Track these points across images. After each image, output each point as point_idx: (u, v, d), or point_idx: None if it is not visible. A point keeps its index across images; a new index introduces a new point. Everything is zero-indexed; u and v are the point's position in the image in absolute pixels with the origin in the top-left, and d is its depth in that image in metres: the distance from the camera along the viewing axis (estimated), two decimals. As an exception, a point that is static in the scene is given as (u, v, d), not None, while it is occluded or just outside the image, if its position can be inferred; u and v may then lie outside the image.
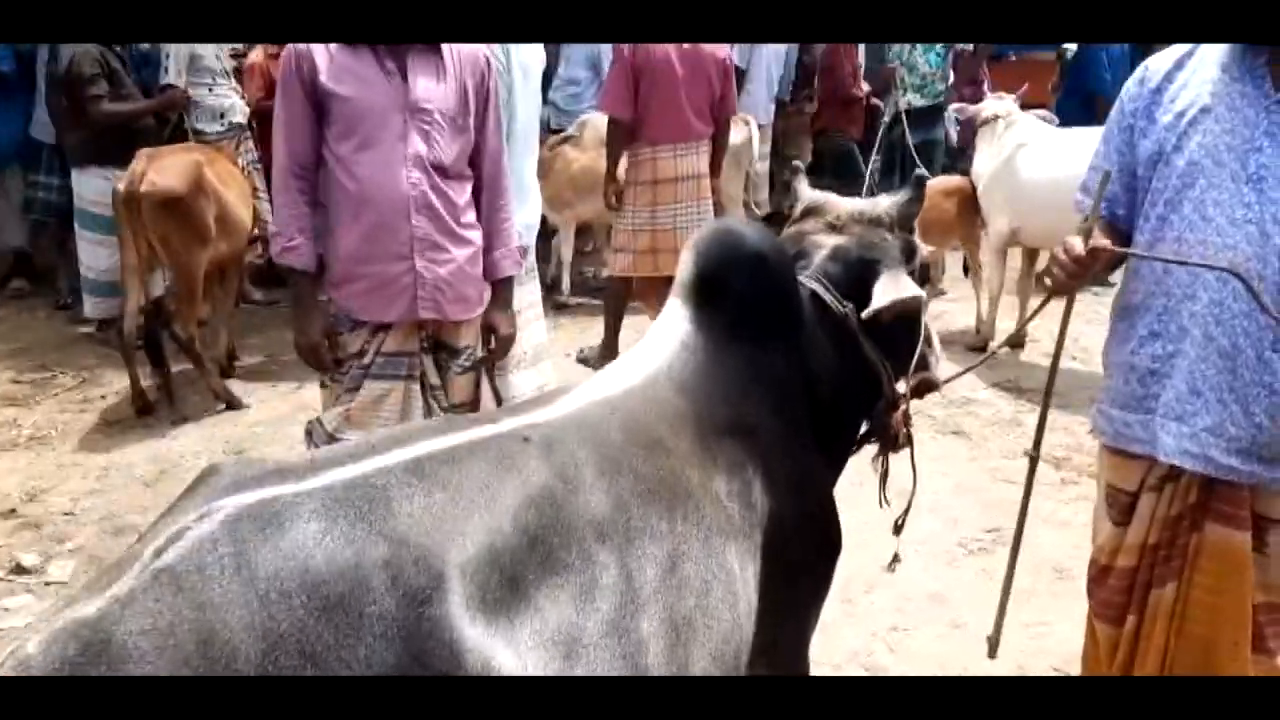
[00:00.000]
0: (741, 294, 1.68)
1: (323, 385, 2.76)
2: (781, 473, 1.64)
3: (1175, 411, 1.89)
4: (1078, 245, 1.85)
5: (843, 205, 1.89)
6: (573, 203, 6.30)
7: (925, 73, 6.58)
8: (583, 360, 5.33)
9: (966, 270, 5.93)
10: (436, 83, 2.55)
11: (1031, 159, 5.22)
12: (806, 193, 1.98)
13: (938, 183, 5.70)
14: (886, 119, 7.05)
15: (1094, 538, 2.10)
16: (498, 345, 2.78)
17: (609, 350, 5.25)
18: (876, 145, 7.14)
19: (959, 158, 7.09)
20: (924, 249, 1.84)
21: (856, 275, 1.80)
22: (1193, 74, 1.90)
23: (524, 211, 3.27)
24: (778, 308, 1.71)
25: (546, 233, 6.08)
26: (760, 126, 8.31)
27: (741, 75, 8.17)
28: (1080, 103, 6.48)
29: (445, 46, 2.57)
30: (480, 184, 2.70)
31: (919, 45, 6.62)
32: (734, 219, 1.91)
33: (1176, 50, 1.97)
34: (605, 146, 4.96)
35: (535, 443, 1.36)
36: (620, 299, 5.18)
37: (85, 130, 4.99)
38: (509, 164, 2.87)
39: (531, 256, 3.59)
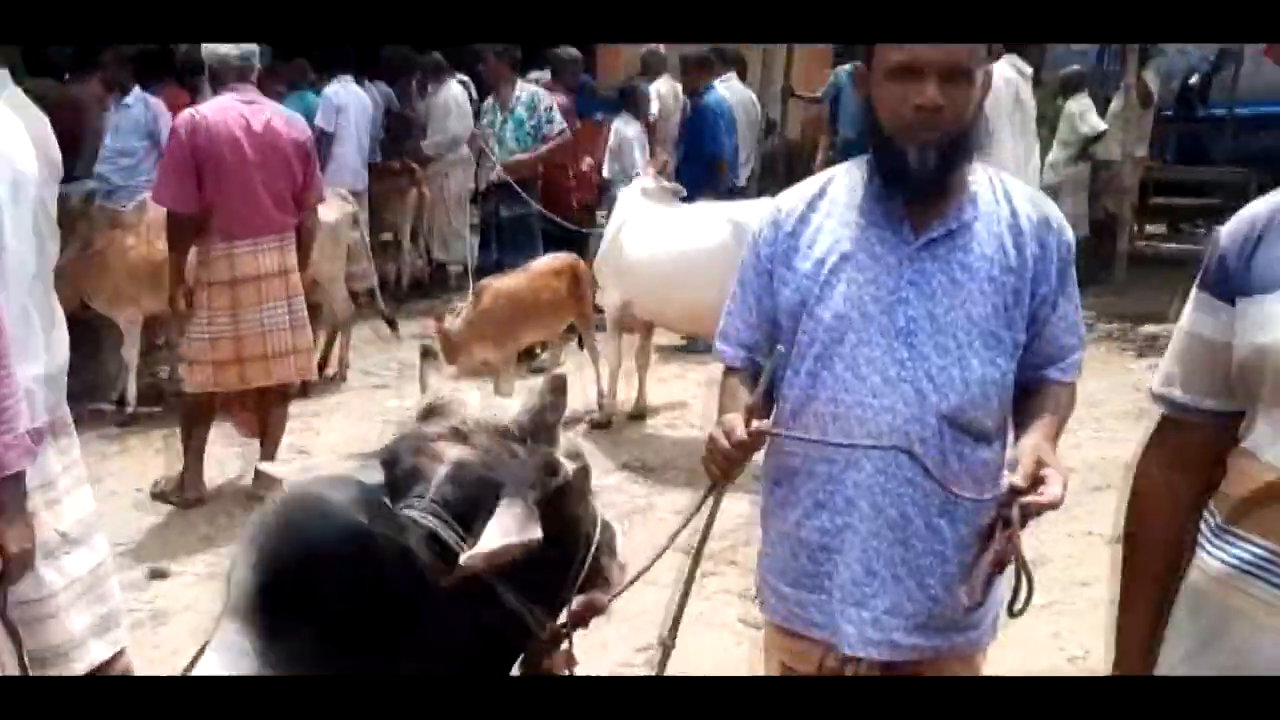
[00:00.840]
0: (326, 607, 1.21)
1: None
2: None
3: (854, 596, 1.73)
4: (738, 429, 1.61)
5: (471, 406, 1.48)
6: (135, 297, 5.36)
7: (512, 148, 6.37)
8: (159, 495, 4.49)
9: (581, 345, 5.79)
10: None
11: (637, 234, 5.18)
12: (433, 383, 1.55)
13: (545, 261, 5.50)
14: (481, 190, 6.76)
15: None
16: (6, 569, 2.06)
17: (191, 481, 4.46)
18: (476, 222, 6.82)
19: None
20: (568, 466, 1.47)
21: (477, 503, 1.40)
22: (827, 216, 1.77)
23: (40, 361, 2.52)
24: (380, 611, 1.25)
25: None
26: (355, 193, 7.78)
27: (329, 139, 7.60)
28: (703, 167, 6.59)
29: None
30: None
31: (511, 120, 6.39)
32: (310, 488, 1.35)
33: (807, 188, 1.83)
34: (167, 243, 4.19)
35: None
36: (200, 419, 4.42)
37: None
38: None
39: (63, 407, 2.81)
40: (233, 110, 4.08)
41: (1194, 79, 10.92)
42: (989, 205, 1.72)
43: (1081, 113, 8.20)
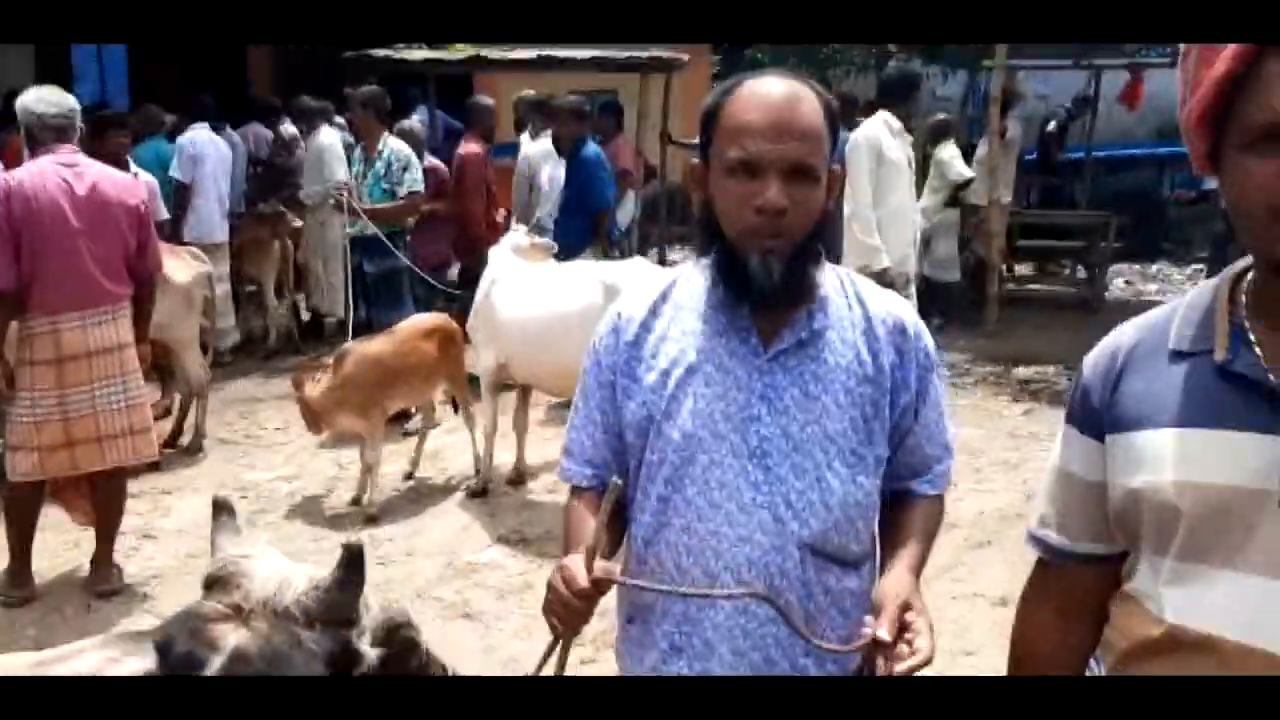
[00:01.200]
0: None
1: None
2: None
3: None
4: (580, 576, 1.42)
5: (257, 580, 1.25)
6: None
7: (373, 201, 6.09)
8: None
9: (456, 408, 5.53)
10: None
11: (508, 294, 4.97)
12: (224, 545, 1.32)
13: (413, 322, 5.24)
14: (345, 244, 6.43)
15: None
16: None
17: (18, 578, 4.04)
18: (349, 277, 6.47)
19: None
20: (370, 655, 1.25)
21: None
22: (671, 323, 1.61)
23: None
24: None
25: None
26: (216, 246, 7.38)
27: (186, 190, 7.19)
28: (584, 220, 6.41)
29: None
30: None
31: (371, 173, 6.10)
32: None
33: (648, 292, 1.66)
34: (-19, 320, 3.80)
35: None
36: (26, 509, 4.01)
37: None
38: None
39: None
40: (52, 174, 3.73)
41: (1051, 125, 11.35)
42: (841, 311, 1.59)
43: (949, 160, 8.38)
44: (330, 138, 7.82)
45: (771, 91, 1.50)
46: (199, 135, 7.42)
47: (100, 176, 3.86)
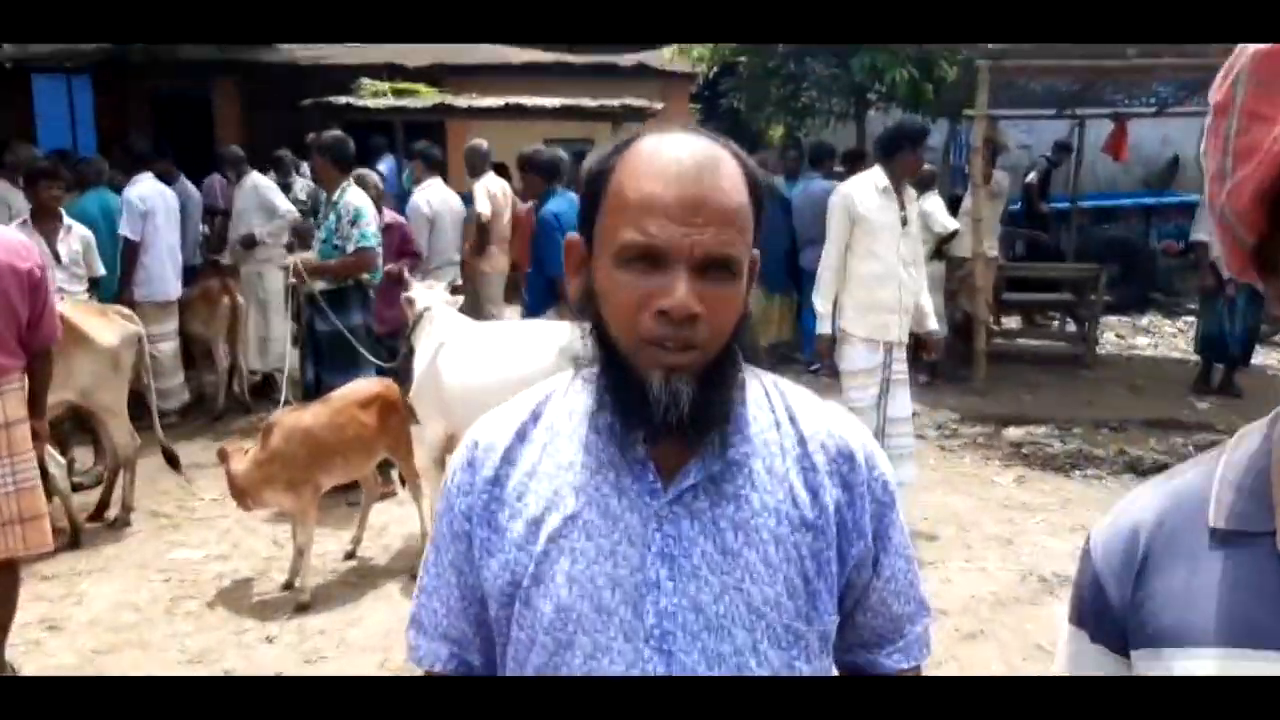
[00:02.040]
0: None
1: None
2: None
3: None
4: None
5: None
6: None
7: (322, 254, 5.68)
8: None
9: (403, 481, 5.10)
10: None
11: (455, 359, 4.57)
12: None
13: (350, 390, 4.79)
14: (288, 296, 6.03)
15: None
16: None
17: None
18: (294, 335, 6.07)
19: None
20: None
21: None
22: (544, 453, 1.20)
23: None
24: None
25: None
26: (168, 304, 7.01)
27: (134, 247, 6.80)
28: (544, 287, 5.99)
29: None
30: None
31: (325, 225, 5.70)
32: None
33: (515, 412, 1.25)
34: None
35: None
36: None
37: None
38: None
39: None
40: (-68, 233, 3.34)
41: (1031, 175, 11.11)
42: (767, 433, 1.20)
43: (933, 211, 8.07)
44: (255, 182, 7.59)
45: (682, 156, 1.11)
46: (146, 188, 7.02)
47: (-11, 238, 3.46)
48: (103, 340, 5.17)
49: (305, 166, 8.86)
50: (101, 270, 6.19)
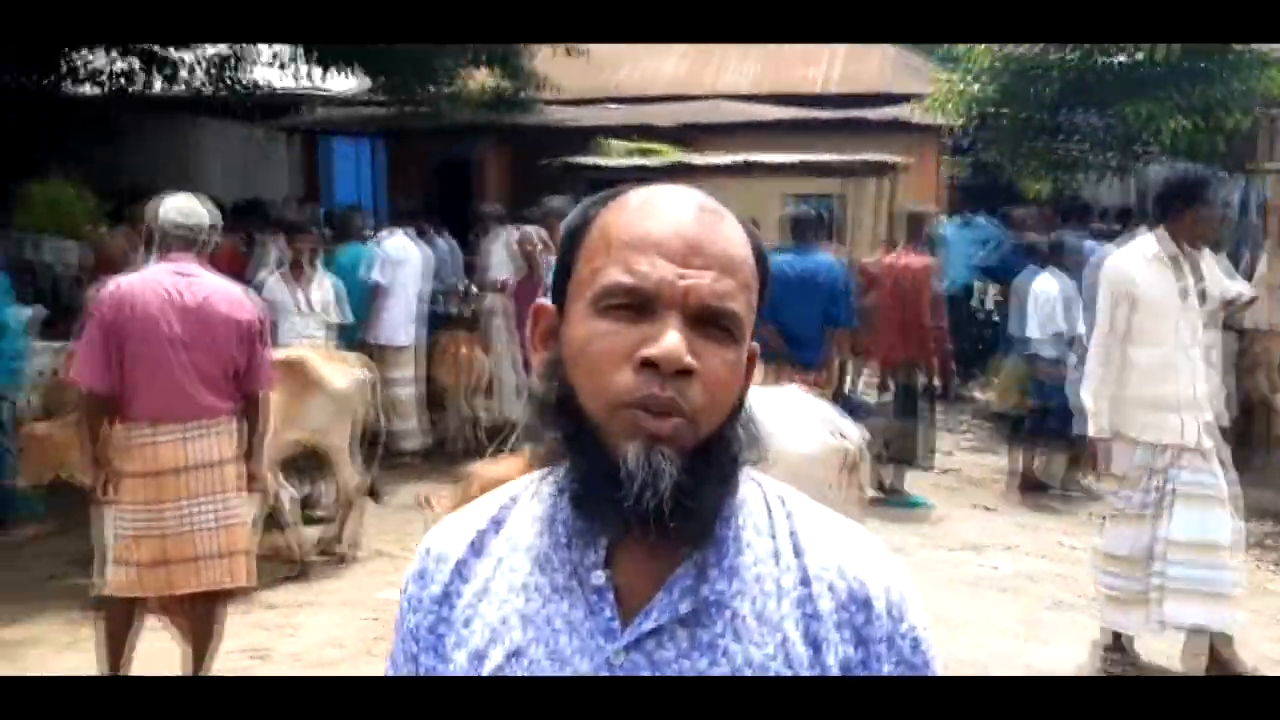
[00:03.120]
0: None
1: None
2: None
3: None
4: None
5: None
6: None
7: None
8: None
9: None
10: None
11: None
12: None
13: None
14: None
15: None
16: None
17: (107, 695, 3.84)
18: None
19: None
20: None
21: None
22: (498, 569, 1.01)
23: None
24: None
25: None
26: (401, 348, 7.41)
27: (378, 293, 7.27)
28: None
29: None
30: None
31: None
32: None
33: (474, 519, 1.07)
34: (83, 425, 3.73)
35: None
36: (122, 625, 3.83)
37: None
38: None
39: None
40: (161, 281, 3.61)
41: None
42: (762, 564, 0.96)
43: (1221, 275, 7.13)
44: (498, 239, 7.91)
45: (680, 200, 0.96)
46: (396, 241, 7.54)
47: (213, 290, 3.71)
48: (335, 384, 5.48)
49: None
50: (349, 318, 6.63)
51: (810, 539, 0.98)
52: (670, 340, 0.87)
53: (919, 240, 7.02)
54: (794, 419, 3.88)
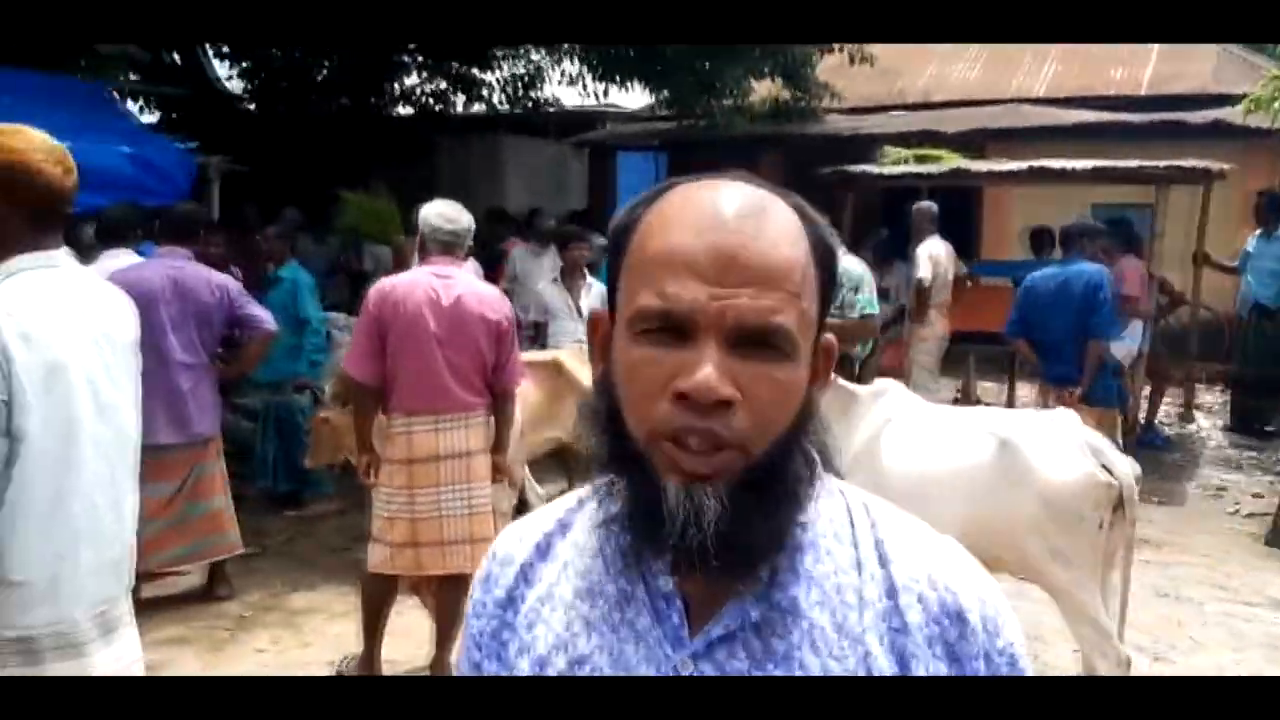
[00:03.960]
0: None
1: None
2: None
3: None
4: None
5: None
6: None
7: None
8: (340, 675, 4.25)
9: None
10: None
11: (900, 438, 4.21)
12: None
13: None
14: None
15: None
16: None
17: (366, 664, 4.17)
18: None
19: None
20: None
21: None
22: (563, 575, 0.97)
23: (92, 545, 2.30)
24: None
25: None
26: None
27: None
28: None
29: None
30: None
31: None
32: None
33: (540, 522, 1.03)
34: (354, 412, 4.08)
35: None
36: (380, 600, 4.14)
37: None
38: None
39: (119, 604, 2.52)
40: (424, 283, 3.88)
41: None
42: (843, 574, 0.89)
43: None
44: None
45: (719, 201, 0.87)
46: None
47: (466, 290, 3.94)
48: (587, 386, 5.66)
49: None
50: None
51: (897, 547, 0.90)
52: (704, 372, 0.81)
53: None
54: (1054, 444, 3.59)
